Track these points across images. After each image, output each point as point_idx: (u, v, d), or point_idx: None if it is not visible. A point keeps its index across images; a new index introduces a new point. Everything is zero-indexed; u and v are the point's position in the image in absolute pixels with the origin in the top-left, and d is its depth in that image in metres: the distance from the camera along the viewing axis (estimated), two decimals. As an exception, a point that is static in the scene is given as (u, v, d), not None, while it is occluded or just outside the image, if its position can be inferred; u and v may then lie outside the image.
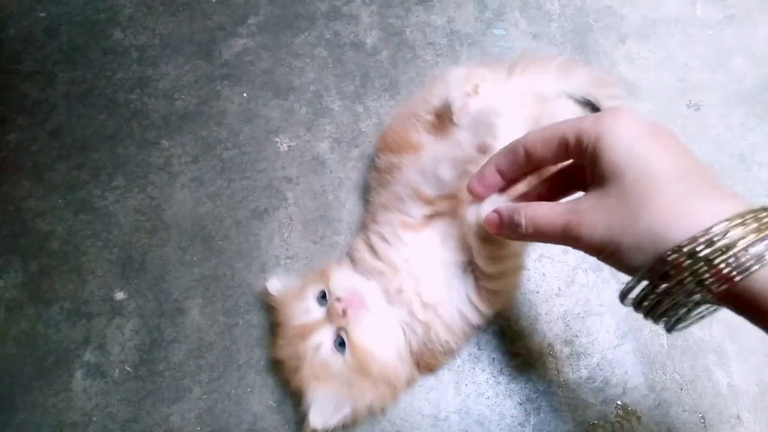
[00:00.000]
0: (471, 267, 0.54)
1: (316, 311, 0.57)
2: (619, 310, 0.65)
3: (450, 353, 0.59)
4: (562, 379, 0.63)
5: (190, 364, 0.65)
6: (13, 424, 0.63)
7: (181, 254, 0.70)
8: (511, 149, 0.44)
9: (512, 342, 0.64)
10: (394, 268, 0.57)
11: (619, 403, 0.62)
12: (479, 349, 0.64)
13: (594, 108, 0.72)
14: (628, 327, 0.65)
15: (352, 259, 0.61)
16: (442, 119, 0.61)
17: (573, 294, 0.66)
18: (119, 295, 0.68)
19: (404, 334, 0.57)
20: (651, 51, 0.81)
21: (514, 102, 0.61)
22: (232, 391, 0.64)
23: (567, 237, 0.40)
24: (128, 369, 0.65)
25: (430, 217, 0.57)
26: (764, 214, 0.33)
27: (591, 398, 0.62)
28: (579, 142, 0.39)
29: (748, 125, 0.76)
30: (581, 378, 0.63)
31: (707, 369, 0.63)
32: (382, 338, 0.56)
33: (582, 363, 0.63)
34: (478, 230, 0.49)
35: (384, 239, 0.59)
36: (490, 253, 0.51)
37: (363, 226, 0.65)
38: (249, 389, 0.64)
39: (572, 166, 0.46)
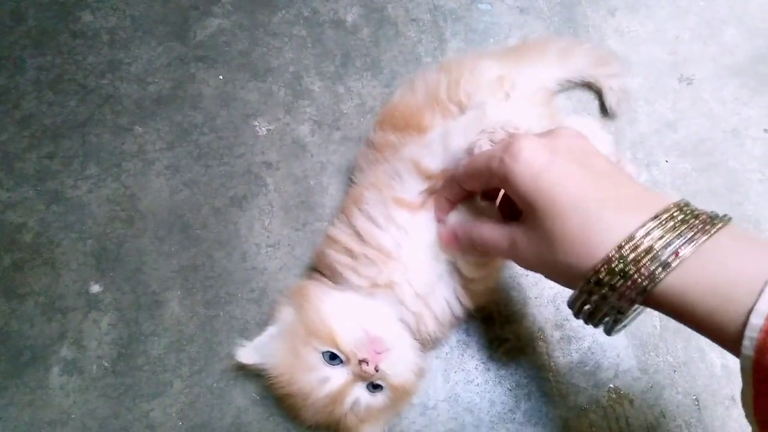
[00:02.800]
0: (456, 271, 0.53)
1: (336, 376, 0.51)
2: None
3: (435, 344, 0.57)
4: (552, 363, 0.61)
5: (170, 358, 0.63)
6: (-12, 423, 0.61)
7: (158, 244, 0.68)
8: (449, 183, 0.49)
9: (502, 327, 0.63)
10: (386, 254, 0.53)
11: (611, 386, 0.60)
12: (468, 335, 0.62)
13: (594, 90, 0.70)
14: (619, 309, 0.63)
15: (331, 272, 0.56)
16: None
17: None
18: (95, 288, 0.66)
19: (407, 329, 0.54)
20: (641, 23, 0.78)
21: (523, 109, 0.61)
22: (214, 384, 0.62)
23: (511, 259, 0.44)
24: (106, 364, 0.63)
25: (427, 194, 0.53)
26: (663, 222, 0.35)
27: (582, 383, 0.60)
28: (493, 180, 0.43)
29: (741, 99, 0.74)
30: (572, 362, 0.61)
31: (701, 350, 0.62)
32: (409, 359, 0.53)
33: (573, 347, 0.62)
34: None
35: (373, 220, 0.54)
36: (474, 259, 0.51)
37: (342, 212, 0.59)
38: (231, 382, 0.62)
39: None
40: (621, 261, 0.35)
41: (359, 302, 0.53)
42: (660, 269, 0.34)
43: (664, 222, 0.35)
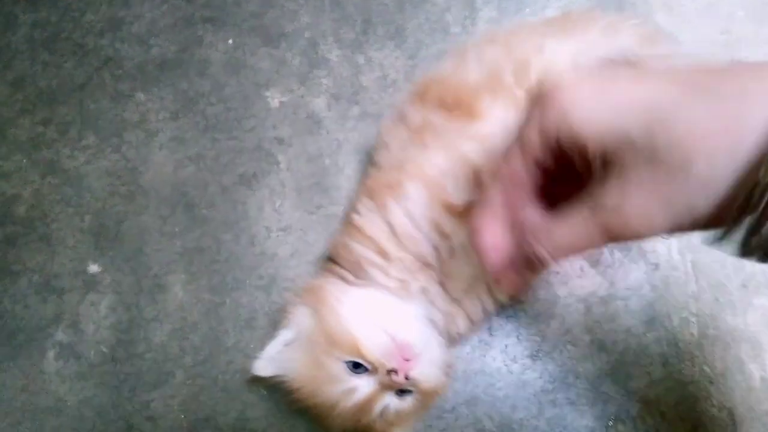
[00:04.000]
0: None
1: (363, 386, 0.47)
2: (647, 295, 0.59)
3: (462, 340, 0.53)
4: (580, 369, 0.57)
5: (173, 346, 0.59)
6: (-21, 410, 0.57)
7: (161, 224, 0.63)
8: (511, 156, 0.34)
9: (527, 327, 0.59)
10: (424, 263, 0.48)
11: (642, 396, 0.56)
12: (490, 334, 0.58)
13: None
14: (654, 313, 0.58)
15: (354, 267, 0.50)
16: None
17: (596, 275, 0.60)
18: (93, 269, 0.62)
19: (435, 329, 0.50)
20: (692, -3, 0.71)
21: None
22: (219, 376, 0.59)
23: (612, 241, 0.31)
24: (104, 350, 0.60)
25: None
26: None
27: (611, 391, 0.56)
28: (549, 140, 0.31)
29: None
30: (602, 368, 0.57)
31: (739, 360, 0.57)
32: (438, 360, 0.49)
33: (603, 352, 0.58)
34: None
35: (415, 222, 0.47)
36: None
37: (367, 197, 0.52)
38: (237, 375, 0.58)
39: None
40: None
41: (384, 301, 0.49)
42: None
43: None
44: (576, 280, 0.59)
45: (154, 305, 0.61)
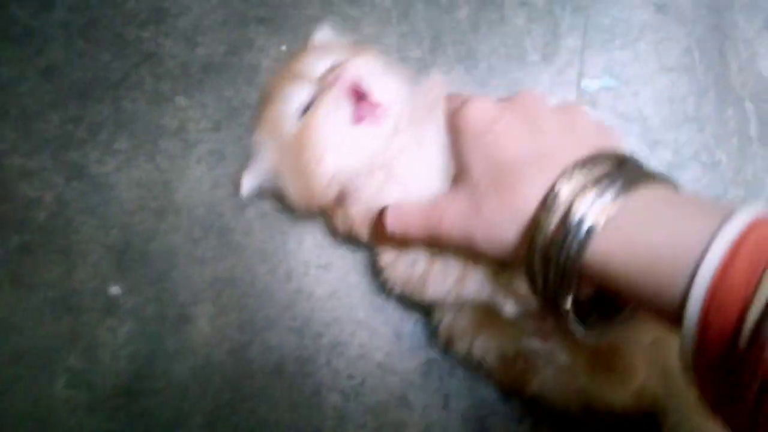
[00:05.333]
0: None
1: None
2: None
3: None
4: None
5: (193, 386, 0.54)
6: (-20, 435, 0.53)
7: (192, 247, 0.57)
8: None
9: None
10: None
11: None
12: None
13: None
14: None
15: None
16: None
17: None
18: (114, 290, 0.57)
19: None
20: (805, 44, 0.63)
21: None
22: (240, 425, 0.53)
23: (431, 236, 0.40)
24: (120, 382, 0.55)
25: None
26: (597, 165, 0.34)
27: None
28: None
29: None
30: None
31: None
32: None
33: None
34: None
35: None
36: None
37: None
38: (259, 427, 0.53)
39: None
40: (545, 218, 0.33)
41: None
42: (581, 231, 0.32)
43: (585, 170, 0.33)
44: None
45: (177, 338, 0.55)
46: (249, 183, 0.50)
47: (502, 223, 0.36)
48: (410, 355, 0.56)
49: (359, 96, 0.45)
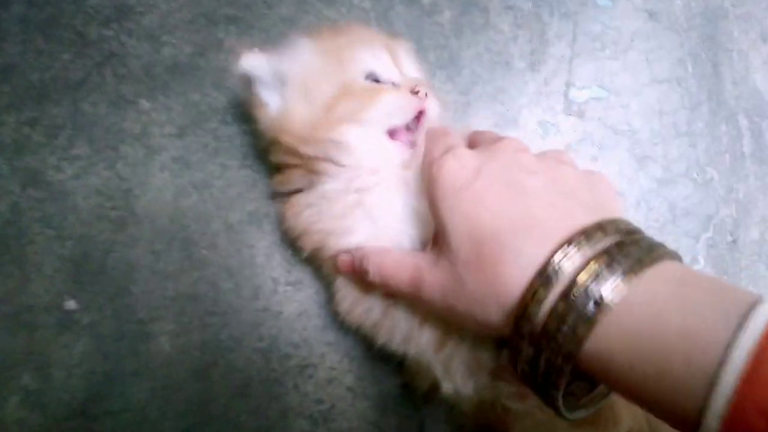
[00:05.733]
0: None
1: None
2: None
3: None
4: None
5: (153, 408, 0.52)
6: (-75, 459, 0.50)
7: (153, 260, 0.54)
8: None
9: None
10: None
11: None
12: None
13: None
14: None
15: None
16: None
17: None
18: (70, 305, 0.53)
19: None
20: (802, 56, 0.60)
21: None
22: (202, 450, 0.51)
23: (413, 296, 0.38)
24: (75, 403, 0.52)
25: None
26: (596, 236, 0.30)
27: None
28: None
29: None
30: None
31: None
32: None
33: None
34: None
35: None
36: None
37: None
38: (223, 453, 0.51)
39: None
40: (535, 303, 0.29)
41: None
42: (586, 313, 0.28)
43: (585, 243, 0.29)
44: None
45: (136, 357, 0.52)
46: (261, 63, 0.47)
47: (485, 301, 0.32)
48: (383, 379, 0.54)
49: (412, 123, 0.46)
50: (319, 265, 0.50)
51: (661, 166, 0.58)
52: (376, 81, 0.47)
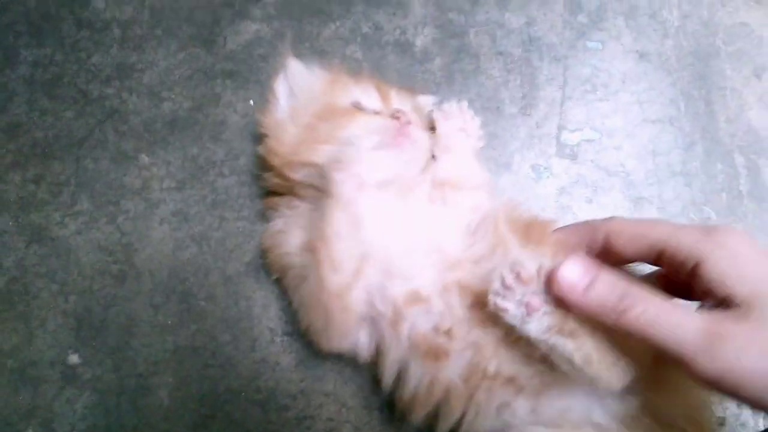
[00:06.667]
0: None
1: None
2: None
3: None
4: None
5: (152, 462, 0.52)
6: None
7: (153, 314, 0.55)
8: (591, 228, 0.41)
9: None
10: None
11: None
12: None
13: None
14: None
15: None
16: None
17: None
18: (73, 359, 0.55)
19: None
20: (797, 93, 0.60)
21: None
22: (201, 505, 0.51)
23: (700, 368, 0.31)
24: (76, 458, 0.52)
25: None
26: None
27: None
28: (676, 256, 0.36)
29: None
30: None
31: None
32: None
33: None
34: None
35: None
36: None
37: None
38: (220, 507, 0.51)
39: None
40: None
41: None
42: None
43: None
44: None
45: (136, 411, 0.53)
46: (300, 70, 0.53)
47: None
48: (382, 429, 0.53)
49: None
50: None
51: (657, 206, 0.58)
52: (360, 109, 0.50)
